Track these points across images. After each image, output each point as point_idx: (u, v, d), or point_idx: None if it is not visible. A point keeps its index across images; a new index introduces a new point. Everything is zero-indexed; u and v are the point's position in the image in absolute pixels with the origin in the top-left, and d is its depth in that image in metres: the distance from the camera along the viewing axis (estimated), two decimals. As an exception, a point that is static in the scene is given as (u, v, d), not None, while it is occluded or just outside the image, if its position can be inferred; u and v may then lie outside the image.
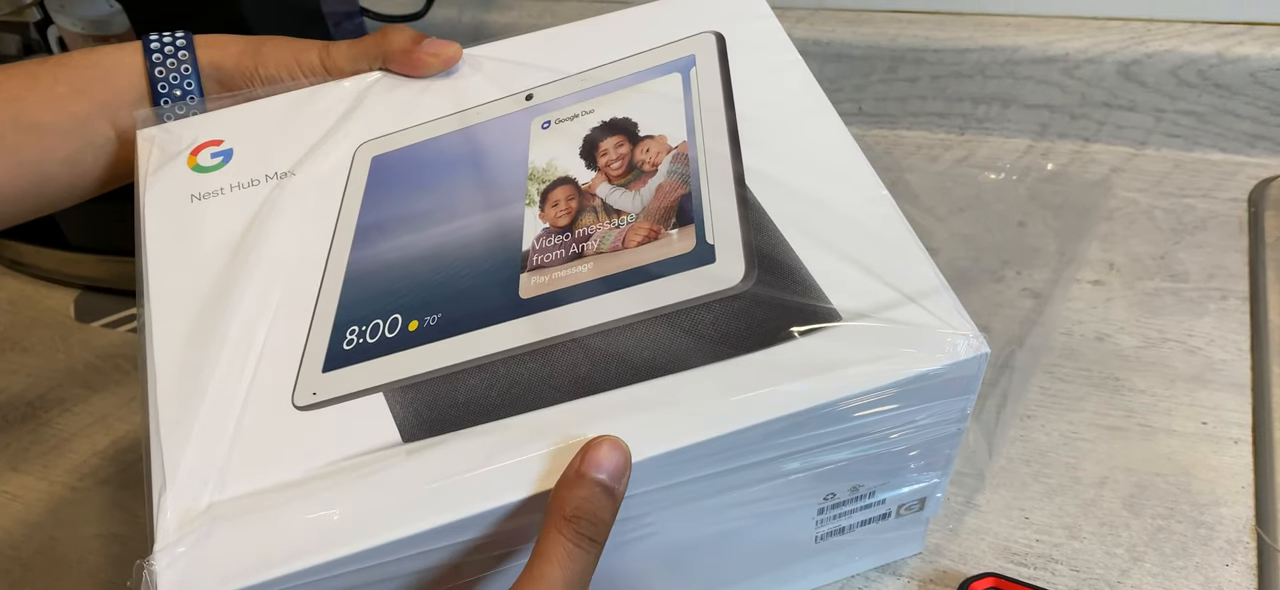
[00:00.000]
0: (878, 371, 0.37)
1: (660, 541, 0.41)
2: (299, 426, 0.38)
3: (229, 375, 0.40)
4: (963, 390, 0.39)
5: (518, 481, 0.36)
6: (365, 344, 0.41)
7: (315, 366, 0.40)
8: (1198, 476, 0.51)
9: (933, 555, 0.49)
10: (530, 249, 0.43)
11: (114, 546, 0.58)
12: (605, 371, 0.38)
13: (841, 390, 0.37)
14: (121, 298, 0.78)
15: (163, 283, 0.44)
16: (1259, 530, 0.48)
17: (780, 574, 0.48)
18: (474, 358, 0.39)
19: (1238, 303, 0.59)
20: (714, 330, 0.39)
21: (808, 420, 0.37)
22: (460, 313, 0.41)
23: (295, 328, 0.41)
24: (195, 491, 0.37)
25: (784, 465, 0.39)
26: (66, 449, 0.66)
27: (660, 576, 0.44)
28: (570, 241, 0.43)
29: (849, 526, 0.45)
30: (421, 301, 0.42)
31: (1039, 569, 0.48)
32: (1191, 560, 0.47)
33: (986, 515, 0.51)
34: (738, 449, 0.37)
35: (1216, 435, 0.52)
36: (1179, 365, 0.56)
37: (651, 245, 0.42)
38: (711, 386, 0.37)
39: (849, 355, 0.37)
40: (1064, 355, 0.58)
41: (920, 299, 0.38)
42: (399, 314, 0.41)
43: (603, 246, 0.42)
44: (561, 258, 0.42)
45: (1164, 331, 0.58)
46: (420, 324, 0.41)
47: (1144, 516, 0.49)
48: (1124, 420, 0.54)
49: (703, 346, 0.38)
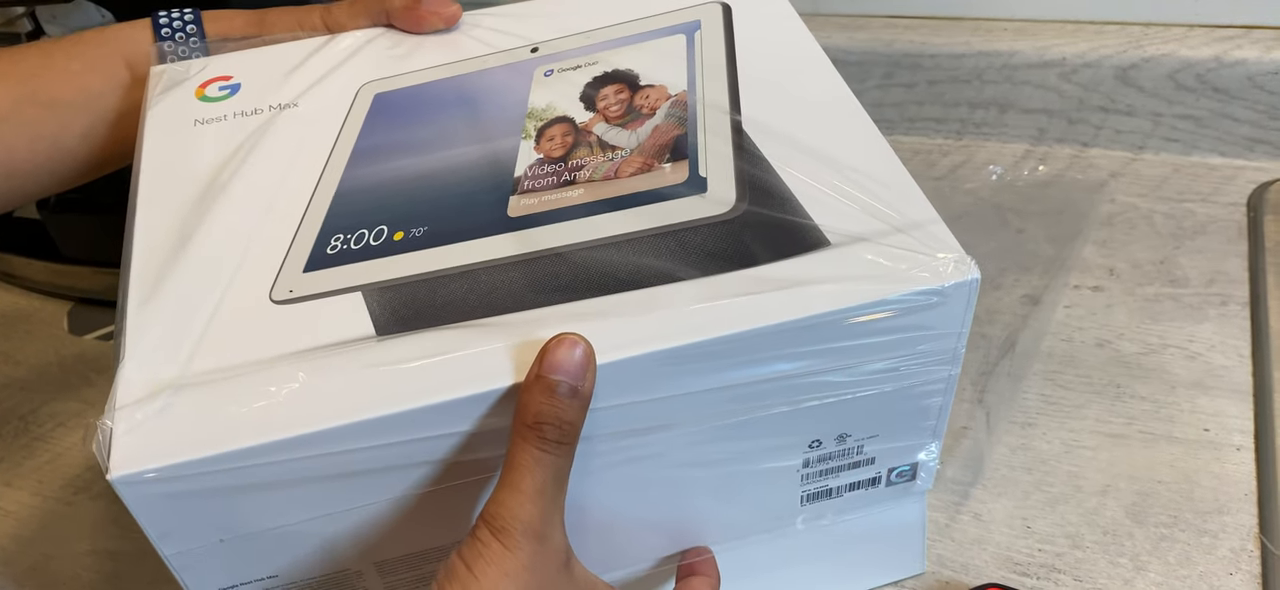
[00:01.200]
0: (864, 289, 0.36)
1: (635, 472, 0.39)
2: (273, 318, 0.38)
3: (208, 268, 0.40)
4: (953, 324, 0.38)
5: (488, 373, 0.35)
6: (349, 249, 0.40)
7: (297, 267, 0.40)
8: (1200, 484, 0.50)
9: (935, 566, 0.49)
10: (522, 175, 0.43)
11: (108, 563, 0.58)
12: (587, 281, 0.38)
13: (826, 305, 0.36)
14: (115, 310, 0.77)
15: (153, 185, 0.44)
16: (1263, 538, 0.48)
17: (768, 542, 0.46)
18: (456, 266, 0.39)
19: (1238, 308, 0.58)
20: (701, 249, 0.38)
21: (789, 337, 0.36)
22: (446, 226, 0.41)
23: (281, 233, 0.41)
24: (160, 364, 0.36)
25: (765, 396, 0.38)
26: (60, 464, 0.65)
27: (636, 513, 0.42)
28: (562, 170, 0.43)
29: (836, 489, 0.43)
30: (409, 215, 0.42)
31: (1042, 579, 0.48)
32: (1195, 569, 0.47)
33: (988, 525, 0.50)
34: (715, 363, 0.36)
35: (1218, 442, 0.52)
36: (1180, 371, 0.56)
37: (644, 175, 0.42)
38: (692, 294, 0.36)
39: (836, 273, 0.36)
40: (1064, 362, 0.57)
41: (912, 228, 0.38)
42: (385, 225, 0.41)
43: (595, 176, 0.42)
44: (552, 184, 0.42)
45: (1164, 337, 0.58)
46: (406, 234, 0.41)
47: (1147, 525, 0.49)
48: (1125, 427, 0.54)
49: (688, 263, 0.38)
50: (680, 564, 0.44)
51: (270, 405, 0.34)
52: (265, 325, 0.37)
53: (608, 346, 0.35)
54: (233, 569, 0.38)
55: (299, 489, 0.35)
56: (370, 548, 0.38)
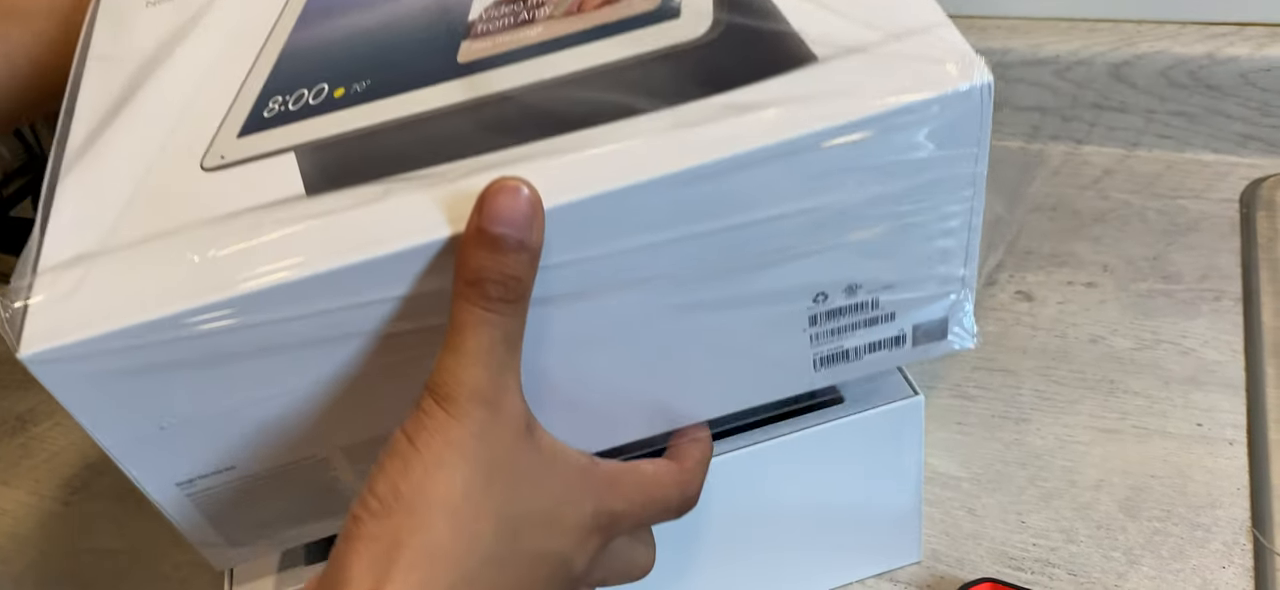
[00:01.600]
0: (856, 105, 0.31)
1: (606, 338, 0.35)
2: (204, 185, 0.35)
3: (139, 138, 0.37)
4: (965, 140, 0.33)
5: (422, 226, 0.31)
6: (286, 111, 0.38)
7: (231, 133, 0.37)
8: (1193, 479, 0.51)
9: (930, 561, 0.49)
10: (476, 18, 0.39)
11: (107, 561, 0.58)
12: (539, 121, 0.34)
13: (812, 123, 0.31)
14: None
15: (96, 65, 0.41)
16: (1255, 532, 0.48)
17: (762, 527, 0.44)
18: (396, 118, 0.36)
19: (1231, 303, 0.59)
20: (669, 78, 0.34)
21: (763, 169, 0.32)
22: (391, 78, 0.38)
23: (220, 101, 0.39)
24: (81, 234, 0.34)
25: (747, 242, 0.33)
26: (57, 463, 0.65)
27: (611, 386, 0.38)
28: (521, 8, 0.39)
29: (855, 350, 0.38)
30: (351, 71, 0.39)
31: (1036, 573, 0.48)
32: (1188, 563, 0.47)
33: (983, 520, 0.51)
34: (684, 204, 0.32)
35: (1211, 437, 0.52)
36: (1173, 367, 0.56)
37: (610, 7, 0.38)
38: (654, 126, 0.32)
39: (825, 89, 0.32)
40: (1058, 358, 0.58)
41: (911, 34, 0.33)
42: (326, 83, 0.38)
43: (556, 12, 0.38)
44: (508, 25, 0.38)
45: (1158, 333, 0.58)
46: (347, 91, 0.38)
47: (1140, 519, 0.49)
48: (1119, 423, 0.54)
49: (654, 94, 0.33)
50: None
51: (193, 271, 0.32)
52: (195, 192, 0.35)
53: (558, 189, 0.31)
54: (182, 460, 0.36)
55: (234, 365, 0.33)
56: (330, 431, 0.36)
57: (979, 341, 0.39)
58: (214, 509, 0.38)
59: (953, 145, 0.32)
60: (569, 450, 0.34)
